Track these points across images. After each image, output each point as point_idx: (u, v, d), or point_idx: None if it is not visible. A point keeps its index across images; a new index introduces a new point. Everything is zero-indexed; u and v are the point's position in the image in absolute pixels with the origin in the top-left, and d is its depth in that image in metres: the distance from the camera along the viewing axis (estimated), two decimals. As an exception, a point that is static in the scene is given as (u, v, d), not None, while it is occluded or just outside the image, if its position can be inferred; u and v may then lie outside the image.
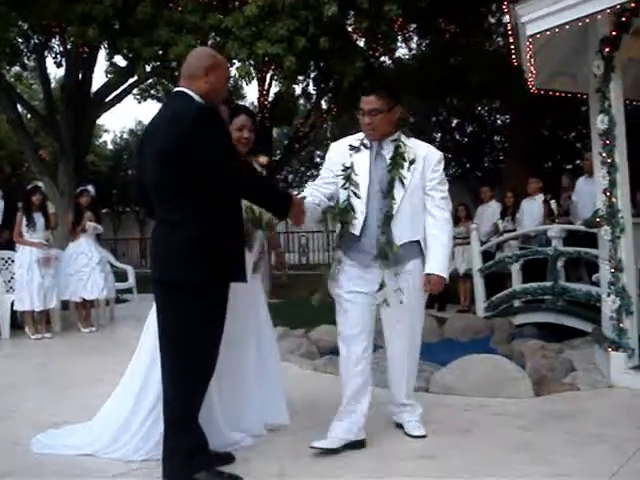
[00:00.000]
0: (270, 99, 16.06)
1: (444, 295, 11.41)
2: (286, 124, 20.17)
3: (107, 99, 14.89)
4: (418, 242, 3.95)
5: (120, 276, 10.56)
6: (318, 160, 24.88)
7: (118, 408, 3.91)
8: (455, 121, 21.65)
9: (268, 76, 15.48)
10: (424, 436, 3.99)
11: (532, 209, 10.27)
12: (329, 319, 4.46)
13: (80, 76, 14.39)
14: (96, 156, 27.71)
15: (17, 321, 8.95)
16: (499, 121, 21.16)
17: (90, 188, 9.61)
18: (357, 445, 3.81)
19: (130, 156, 29.18)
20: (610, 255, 5.27)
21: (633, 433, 3.96)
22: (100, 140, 30.74)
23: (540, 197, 10.30)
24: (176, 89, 3.58)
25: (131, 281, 10.58)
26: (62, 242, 10.38)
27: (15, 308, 8.66)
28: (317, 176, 4.37)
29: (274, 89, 15.99)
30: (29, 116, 18.03)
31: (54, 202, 11.66)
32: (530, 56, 5.75)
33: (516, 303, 9.31)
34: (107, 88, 14.69)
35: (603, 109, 5.23)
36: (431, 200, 3.97)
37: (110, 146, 31.86)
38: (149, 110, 32.80)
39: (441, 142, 21.89)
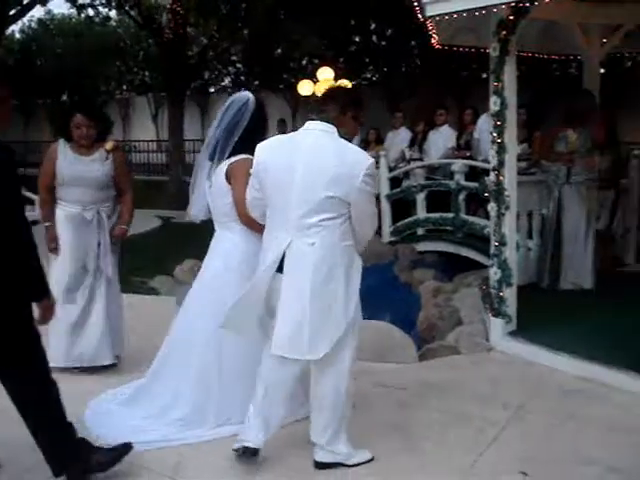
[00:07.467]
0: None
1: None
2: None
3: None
4: None
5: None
6: (234, 58, 24.47)
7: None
8: (373, 25, 21.01)
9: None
10: None
11: (437, 140, 10.53)
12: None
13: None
14: (2, 47, 26.25)
15: None
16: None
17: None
18: None
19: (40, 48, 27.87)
20: (495, 230, 5.62)
21: (498, 414, 4.35)
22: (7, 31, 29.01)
23: (445, 129, 10.54)
24: None
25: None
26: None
27: None
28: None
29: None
30: None
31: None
32: (432, 27, 5.86)
33: (420, 231, 9.71)
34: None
35: (496, 91, 5.42)
36: None
37: (18, 36, 30.16)
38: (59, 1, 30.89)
39: (359, 45, 21.35)
